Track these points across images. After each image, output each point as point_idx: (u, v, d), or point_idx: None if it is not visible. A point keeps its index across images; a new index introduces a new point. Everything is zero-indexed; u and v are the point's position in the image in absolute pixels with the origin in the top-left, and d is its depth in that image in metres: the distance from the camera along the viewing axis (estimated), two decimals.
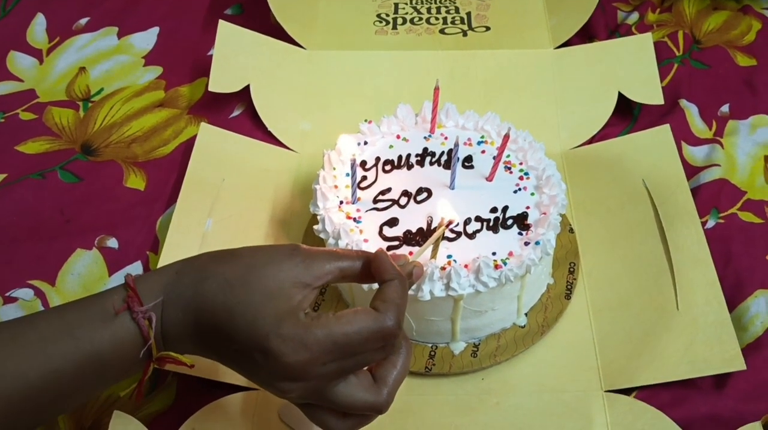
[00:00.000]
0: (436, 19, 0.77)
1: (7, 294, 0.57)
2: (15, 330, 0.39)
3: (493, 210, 0.52)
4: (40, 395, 0.38)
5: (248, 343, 0.37)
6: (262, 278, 0.38)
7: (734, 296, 0.55)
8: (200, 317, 0.39)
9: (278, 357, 0.37)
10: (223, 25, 0.70)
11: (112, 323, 0.39)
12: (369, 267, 0.41)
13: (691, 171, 0.63)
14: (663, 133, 0.63)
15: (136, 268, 0.59)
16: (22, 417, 0.38)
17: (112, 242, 0.60)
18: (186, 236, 0.58)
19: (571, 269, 0.56)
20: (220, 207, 0.61)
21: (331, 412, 0.40)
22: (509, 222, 0.51)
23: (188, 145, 0.66)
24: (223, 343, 0.39)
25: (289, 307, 0.38)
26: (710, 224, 0.59)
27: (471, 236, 0.50)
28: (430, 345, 0.52)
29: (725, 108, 0.68)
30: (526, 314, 0.53)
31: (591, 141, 0.66)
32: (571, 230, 0.59)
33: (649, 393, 0.50)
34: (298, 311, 0.38)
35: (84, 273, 0.58)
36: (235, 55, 0.70)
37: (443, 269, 0.48)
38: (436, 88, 0.56)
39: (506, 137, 0.52)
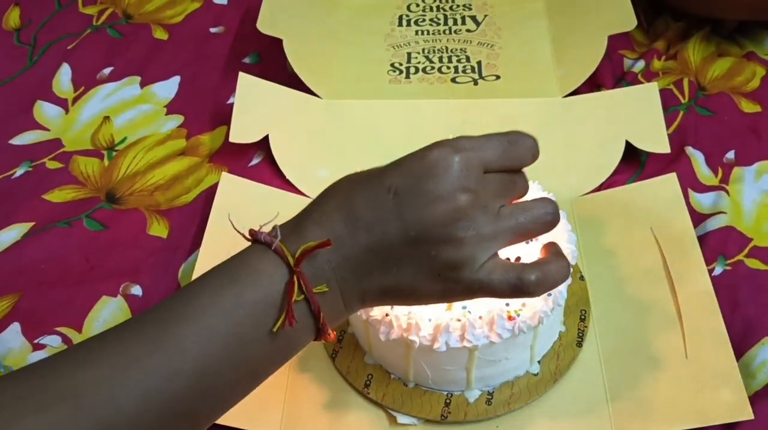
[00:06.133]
0: (448, 68, 0.79)
1: (36, 341, 0.59)
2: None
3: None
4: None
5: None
6: None
7: (742, 343, 0.56)
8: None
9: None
10: (242, 77, 0.73)
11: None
12: None
13: (697, 218, 0.64)
14: (670, 181, 0.65)
15: None
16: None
17: (136, 290, 0.62)
18: None
19: (582, 317, 0.58)
20: None
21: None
22: None
23: (209, 193, 0.69)
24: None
25: None
26: (717, 271, 0.61)
27: None
28: (446, 393, 0.54)
29: (731, 155, 0.70)
30: (539, 362, 0.55)
31: (599, 188, 0.68)
32: (582, 278, 0.60)
33: None
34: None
35: (110, 320, 0.60)
36: (255, 106, 0.72)
37: (458, 320, 0.49)
38: None
39: None
